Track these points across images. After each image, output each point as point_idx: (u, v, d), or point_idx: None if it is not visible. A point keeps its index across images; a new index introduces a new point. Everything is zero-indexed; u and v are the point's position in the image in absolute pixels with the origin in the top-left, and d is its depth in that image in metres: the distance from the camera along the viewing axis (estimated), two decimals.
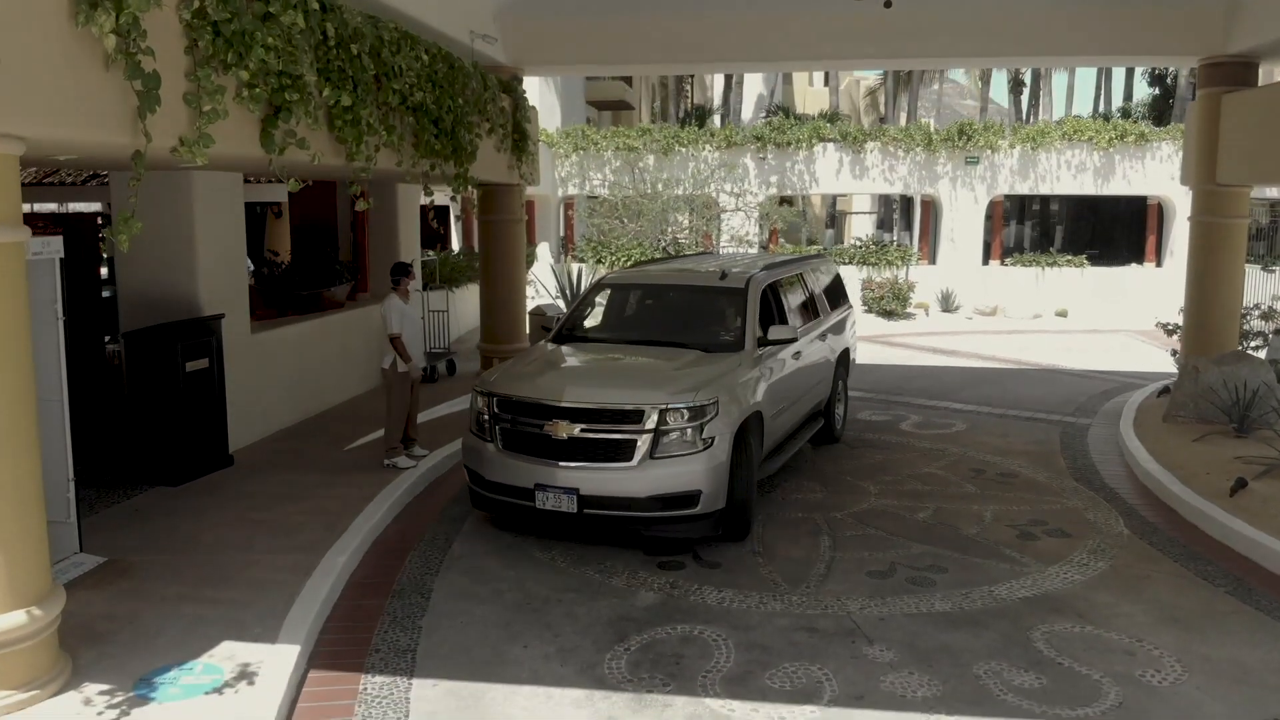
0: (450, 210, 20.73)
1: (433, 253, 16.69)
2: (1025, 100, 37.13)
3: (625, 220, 20.61)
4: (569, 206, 23.63)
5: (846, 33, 11.66)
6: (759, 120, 26.13)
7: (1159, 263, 21.89)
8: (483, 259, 12.94)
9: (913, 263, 21.58)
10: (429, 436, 9.13)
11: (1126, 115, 28.95)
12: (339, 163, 7.07)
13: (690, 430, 6.48)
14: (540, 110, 15.20)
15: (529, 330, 13.29)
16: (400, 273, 8.58)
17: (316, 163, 6.56)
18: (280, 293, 11.31)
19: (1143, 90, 38.79)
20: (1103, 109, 35.02)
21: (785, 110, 30.19)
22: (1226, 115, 10.86)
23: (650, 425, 6.44)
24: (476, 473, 7.01)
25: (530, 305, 14.34)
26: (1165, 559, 6.69)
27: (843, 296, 10.71)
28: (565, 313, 8.65)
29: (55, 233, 6.24)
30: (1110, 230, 27.40)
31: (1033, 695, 4.82)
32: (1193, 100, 11.75)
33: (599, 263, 20.38)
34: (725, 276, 8.23)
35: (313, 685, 4.90)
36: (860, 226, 32.18)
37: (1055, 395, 12.54)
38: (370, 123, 7.20)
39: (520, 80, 12.20)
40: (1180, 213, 19.85)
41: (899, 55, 12.10)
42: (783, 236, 23.05)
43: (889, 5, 7.81)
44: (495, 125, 10.84)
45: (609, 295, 8.78)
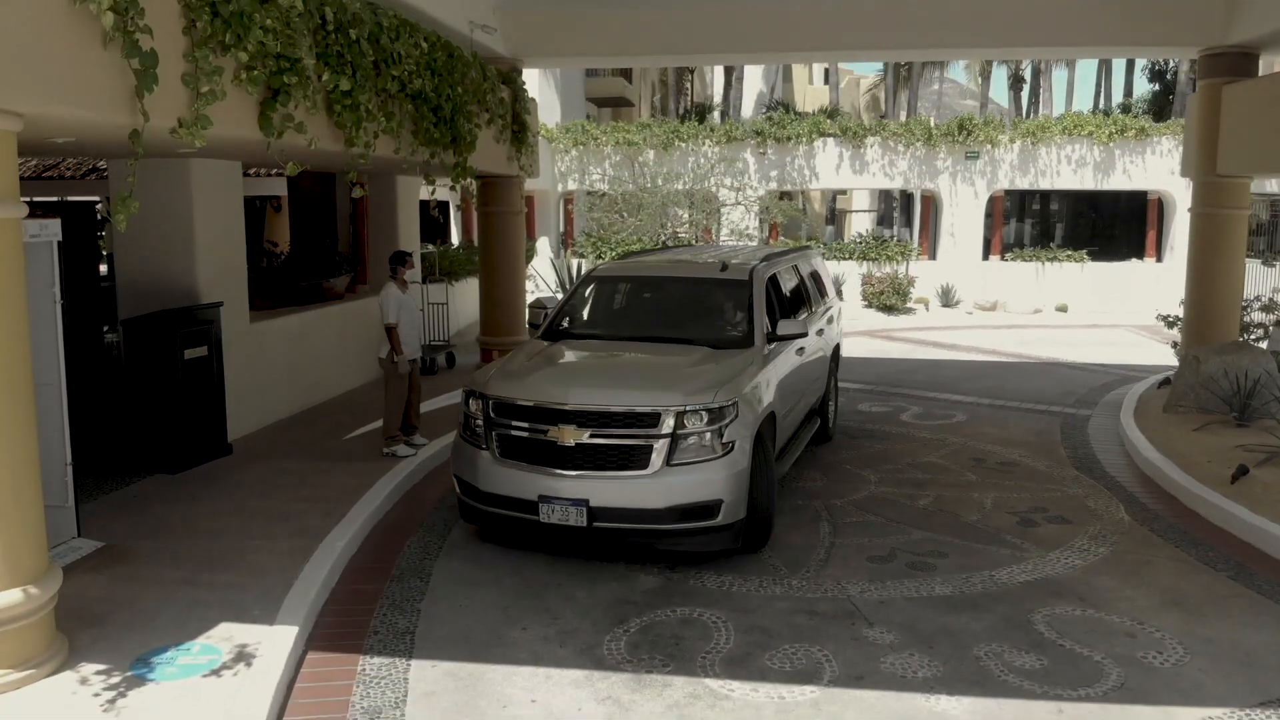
0: (450, 205, 20.72)
1: (432, 246, 16.67)
2: (1025, 97, 37.11)
3: (625, 215, 20.58)
4: (569, 201, 23.61)
5: (846, 23, 11.66)
6: (759, 116, 26.09)
7: (1159, 258, 21.87)
8: (482, 251, 12.93)
9: (913, 258, 21.57)
10: (428, 428, 9.10)
11: (1126, 111, 28.95)
12: (337, 148, 7.06)
13: (710, 434, 5.98)
14: (540, 107, 15.19)
15: (529, 323, 13.25)
16: (398, 261, 8.56)
17: (314, 147, 6.54)
18: (278, 284, 11.29)
19: (1143, 86, 38.69)
20: (1103, 105, 34.99)
21: (785, 106, 30.14)
22: (1227, 106, 10.85)
23: (667, 429, 5.93)
24: (469, 483, 6.40)
25: (529, 299, 14.31)
26: (1166, 545, 6.67)
27: (831, 288, 10.30)
28: (552, 307, 8.10)
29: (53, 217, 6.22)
30: (1110, 227, 27.37)
31: (1034, 676, 4.80)
32: (1193, 94, 11.74)
33: (598, 257, 20.35)
34: (726, 268, 7.76)
35: (311, 666, 4.89)
36: (860, 225, 32.19)
37: (1055, 387, 12.52)
38: (369, 109, 7.19)
39: (519, 72, 12.19)
40: (1180, 208, 19.83)
41: (899, 46, 12.08)
42: (782, 232, 23.02)
43: None
44: (494, 116, 10.83)
45: (602, 288, 8.26)
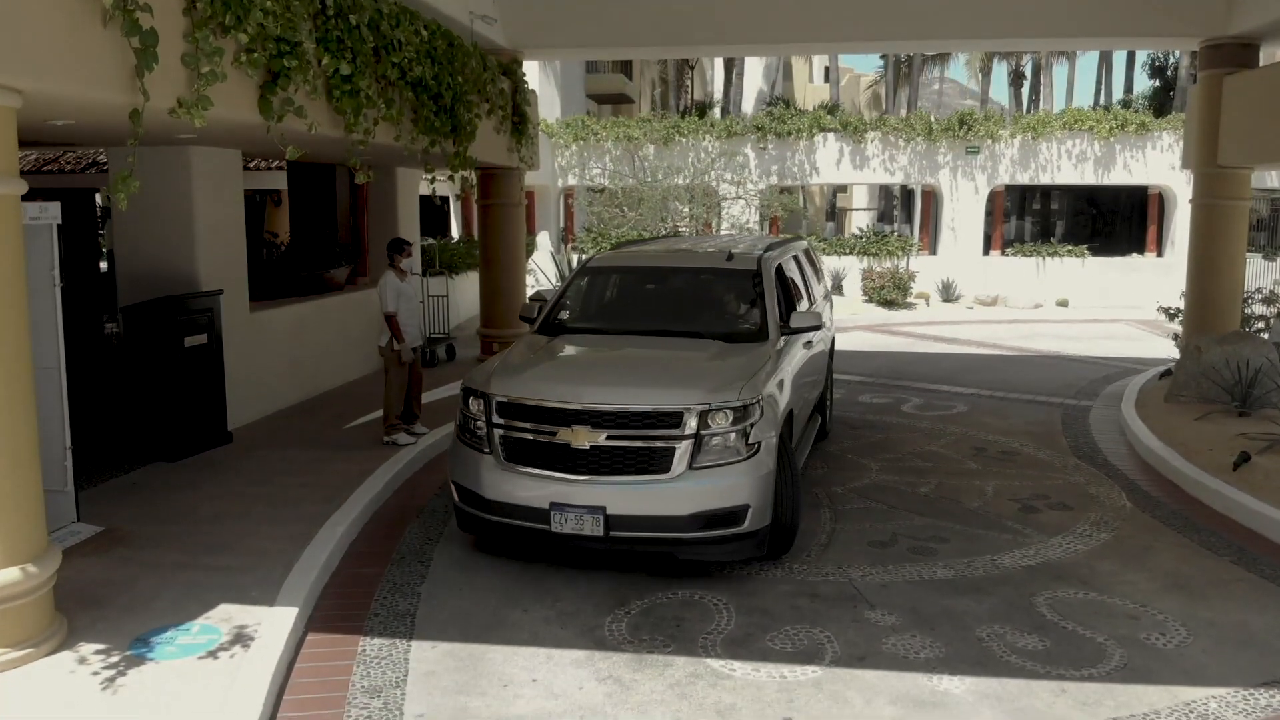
0: (450, 200, 20.71)
1: (432, 239, 16.64)
2: (1025, 94, 37.11)
3: (625, 209, 20.55)
4: (569, 197, 23.59)
5: (846, 14, 11.63)
6: (760, 112, 26.06)
7: (1160, 253, 21.87)
8: (482, 243, 12.91)
9: (913, 253, 21.55)
10: (428, 418, 9.07)
11: (1127, 107, 28.90)
12: (337, 134, 7.03)
13: (734, 434, 5.56)
14: (540, 103, 15.15)
15: (521, 315, 13.21)
16: (395, 249, 8.54)
17: (314, 132, 6.52)
18: (278, 275, 11.27)
19: (1143, 83, 38.84)
20: (1103, 102, 34.97)
21: (786, 102, 30.12)
22: (1228, 97, 10.83)
23: (690, 430, 5.50)
24: (470, 490, 5.89)
25: (529, 294, 14.28)
26: (1168, 530, 6.66)
27: (826, 278, 10.05)
28: (548, 300, 7.68)
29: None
30: (1111, 224, 27.36)
31: (1036, 656, 4.78)
32: (1194, 86, 11.71)
33: (598, 252, 20.33)
34: (732, 257, 7.38)
35: (311, 647, 4.87)
36: (860, 223, 32.17)
37: (1056, 380, 12.50)
38: (369, 94, 7.17)
39: (519, 63, 12.16)
40: (1181, 202, 19.82)
41: (897, 37, 12.06)
42: (783, 227, 23.01)
43: None
44: (495, 106, 10.81)
45: (601, 279, 7.79)
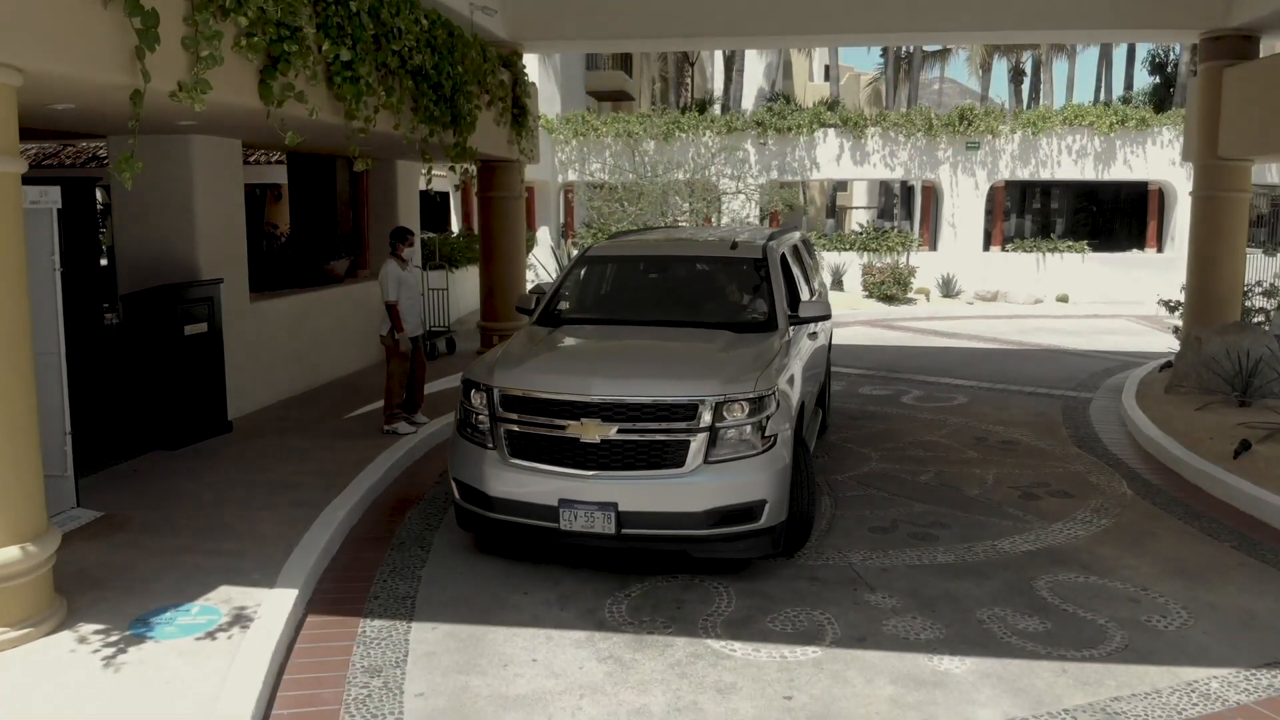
0: (450, 195, 20.70)
1: (433, 234, 16.64)
2: (1026, 91, 37.11)
3: (625, 204, 20.55)
4: (569, 192, 23.59)
5: (847, 6, 11.62)
6: (760, 108, 26.05)
7: (1160, 248, 21.85)
8: (483, 236, 12.90)
9: (914, 248, 21.53)
10: (429, 408, 9.06)
11: (1127, 103, 28.89)
12: (337, 120, 7.03)
13: (750, 427, 5.35)
14: (540, 100, 15.14)
15: (518, 306, 13.20)
16: (398, 238, 8.54)
17: (314, 118, 6.52)
18: (279, 266, 11.26)
19: (1143, 79, 38.87)
20: (1103, 98, 34.96)
21: (786, 98, 30.10)
22: (1228, 89, 10.82)
23: (705, 423, 5.29)
24: (472, 487, 5.64)
25: (529, 287, 14.28)
26: (1169, 517, 6.66)
27: (824, 269, 10.08)
28: (546, 290, 7.46)
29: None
30: (1111, 220, 27.33)
31: (1037, 638, 4.78)
32: (1194, 79, 11.70)
33: (598, 242, 20.34)
34: (736, 245, 7.22)
35: (311, 628, 4.87)
36: (860, 220, 32.16)
37: (1056, 373, 12.50)
38: (369, 81, 7.17)
39: (520, 55, 12.16)
40: (1181, 198, 19.81)
41: (897, 29, 12.01)
42: (783, 222, 22.99)
43: None
44: (495, 98, 10.81)
45: (601, 269, 7.62)
